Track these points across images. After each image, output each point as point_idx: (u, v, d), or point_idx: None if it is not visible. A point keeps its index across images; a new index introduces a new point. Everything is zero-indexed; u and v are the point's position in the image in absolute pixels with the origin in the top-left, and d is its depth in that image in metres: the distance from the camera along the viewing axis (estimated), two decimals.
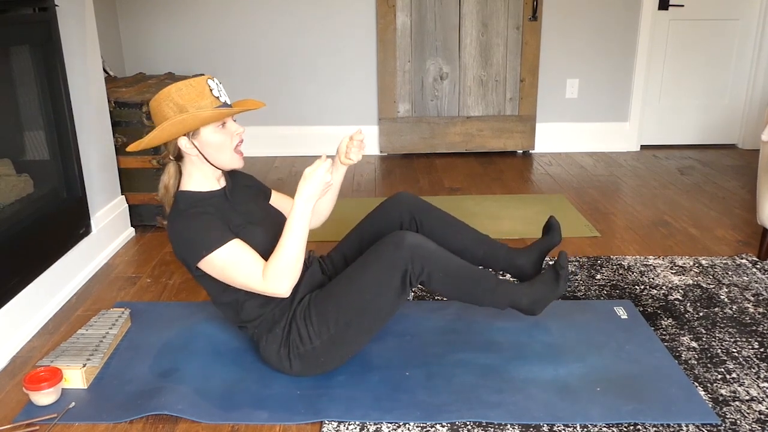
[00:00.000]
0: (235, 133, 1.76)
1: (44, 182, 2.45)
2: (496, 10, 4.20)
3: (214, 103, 1.69)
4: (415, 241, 1.77)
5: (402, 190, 2.10)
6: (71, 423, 1.73)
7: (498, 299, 1.90)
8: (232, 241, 1.70)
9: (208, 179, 1.81)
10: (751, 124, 4.52)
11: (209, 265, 1.71)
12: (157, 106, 1.69)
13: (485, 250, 2.07)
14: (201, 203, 1.77)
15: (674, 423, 1.69)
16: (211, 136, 1.72)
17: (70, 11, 2.56)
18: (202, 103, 1.67)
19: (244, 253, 1.70)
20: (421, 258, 1.76)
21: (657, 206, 3.41)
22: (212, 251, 1.68)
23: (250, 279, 1.69)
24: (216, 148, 1.74)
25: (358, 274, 1.78)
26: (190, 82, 1.68)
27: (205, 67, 4.33)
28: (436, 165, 4.27)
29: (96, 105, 2.78)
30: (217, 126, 1.72)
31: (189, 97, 1.67)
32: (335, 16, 4.28)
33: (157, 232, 3.12)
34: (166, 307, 2.36)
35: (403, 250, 1.75)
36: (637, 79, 4.41)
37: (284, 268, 1.67)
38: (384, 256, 1.76)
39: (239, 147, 1.78)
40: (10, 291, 2.11)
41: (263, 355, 1.87)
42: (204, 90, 1.68)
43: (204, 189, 1.80)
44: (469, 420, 1.71)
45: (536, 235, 2.99)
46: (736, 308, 2.29)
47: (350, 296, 1.77)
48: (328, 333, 1.78)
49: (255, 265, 1.69)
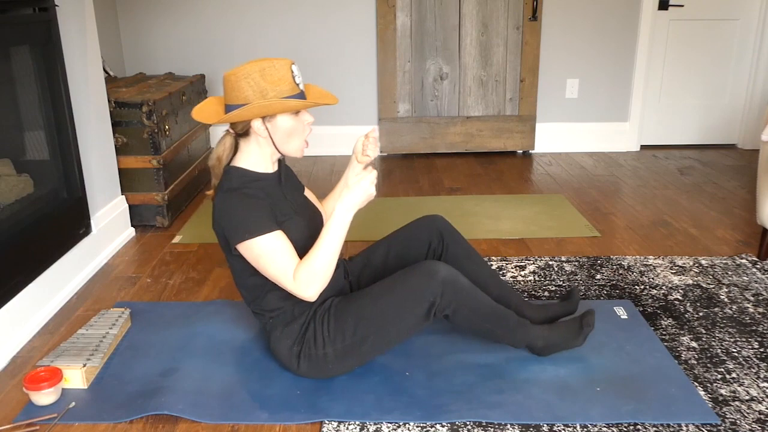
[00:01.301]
0: (306, 123, 1.76)
1: (44, 182, 2.45)
2: (496, 10, 4.20)
3: (295, 89, 1.69)
4: (449, 276, 1.75)
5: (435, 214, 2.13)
6: (71, 423, 1.73)
7: (515, 340, 1.89)
8: (275, 232, 1.69)
9: (265, 161, 1.80)
10: (751, 124, 4.52)
11: (247, 250, 1.70)
12: (236, 81, 1.66)
13: (499, 293, 2.06)
14: (253, 184, 1.76)
15: (674, 423, 1.69)
16: (285, 122, 1.72)
17: (70, 11, 2.56)
18: (282, 88, 1.67)
19: (283, 246, 1.69)
20: (452, 294, 1.75)
21: (657, 206, 3.41)
22: (254, 237, 1.67)
23: (282, 275, 1.69)
24: (286, 134, 1.74)
25: (384, 294, 1.77)
26: (274, 63, 1.66)
27: (205, 67, 4.33)
28: (436, 165, 4.27)
29: (96, 105, 2.78)
30: (292, 113, 1.72)
31: (272, 79, 1.66)
32: (335, 16, 4.28)
33: (157, 232, 3.12)
34: (166, 307, 2.36)
35: (436, 282, 1.73)
36: (637, 79, 4.41)
37: (316, 272, 1.67)
38: (414, 283, 1.75)
39: (307, 139, 1.79)
40: (11, 291, 2.11)
41: (273, 347, 1.86)
42: (287, 75, 1.68)
43: (258, 170, 1.79)
44: (469, 420, 1.71)
45: (536, 234, 2.99)
46: (736, 308, 2.29)
47: (372, 314, 1.76)
48: (342, 344, 1.78)
49: (290, 262, 1.69)
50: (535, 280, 2.52)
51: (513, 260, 2.70)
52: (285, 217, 1.77)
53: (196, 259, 2.79)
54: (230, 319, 2.24)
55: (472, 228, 3.08)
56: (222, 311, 2.30)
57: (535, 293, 2.42)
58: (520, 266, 2.65)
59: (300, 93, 1.71)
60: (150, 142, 3.03)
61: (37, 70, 2.39)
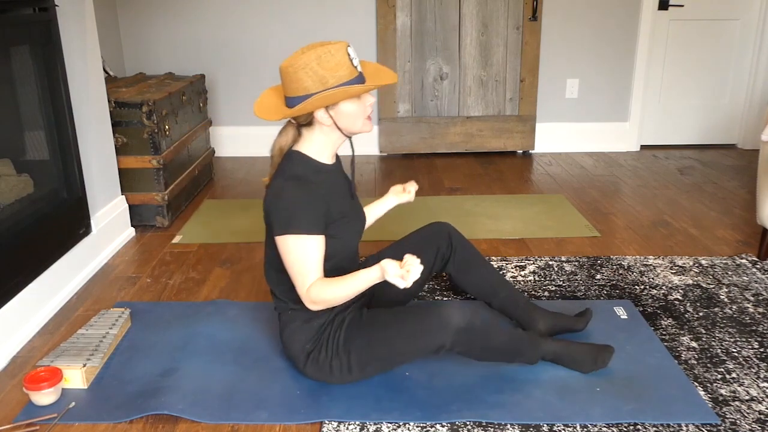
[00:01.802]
0: (368, 104, 1.73)
1: (44, 182, 2.45)
2: (496, 10, 4.20)
3: (353, 73, 1.67)
4: (462, 324, 1.71)
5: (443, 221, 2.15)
6: (71, 423, 1.73)
7: (529, 361, 1.89)
8: (316, 237, 1.69)
9: (327, 151, 1.78)
10: (751, 124, 4.52)
11: (282, 242, 1.69)
12: (294, 72, 1.64)
13: (507, 294, 2.07)
14: (316, 174, 1.75)
15: (674, 423, 1.69)
16: (348, 108, 1.70)
17: (70, 11, 2.56)
18: (341, 73, 1.64)
19: (316, 254, 1.69)
20: (466, 339, 1.73)
21: (657, 206, 3.41)
22: (295, 234, 1.67)
23: (300, 279, 1.69)
24: (351, 117, 1.72)
25: (396, 326, 1.76)
26: (329, 49, 1.63)
27: (205, 67, 4.33)
28: (436, 165, 4.27)
29: (96, 105, 2.78)
30: (355, 98, 1.70)
31: (329, 66, 1.63)
32: (335, 16, 4.28)
33: (157, 232, 3.12)
34: (166, 307, 2.36)
35: (448, 332, 1.71)
36: (637, 79, 4.41)
37: (327, 300, 1.68)
38: (427, 327, 1.72)
39: (370, 115, 1.78)
40: (11, 291, 2.11)
41: (286, 339, 1.85)
42: (344, 59, 1.65)
43: (321, 159, 1.78)
44: (469, 420, 1.71)
45: (536, 234, 2.99)
46: (735, 308, 2.29)
47: (380, 341, 1.76)
48: (348, 362, 1.79)
49: (313, 273, 1.69)
50: (535, 280, 2.52)
51: (513, 260, 2.70)
52: (340, 215, 1.76)
53: (196, 259, 2.79)
54: (230, 319, 2.24)
55: (472, 228, 3.08)
56: (222, 311, 2.30)
57: (535, 293, 2.42)
58: (520, 266, 2.65)
59: (359, 75, 1.69)
60: (150, 142, 3.03)
61: (37, 70, 2.39)
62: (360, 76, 1.69)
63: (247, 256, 2.82)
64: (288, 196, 1.69)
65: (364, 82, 1.71)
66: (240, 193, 3.71)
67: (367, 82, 1.72)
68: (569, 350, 1.90)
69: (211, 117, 4.37)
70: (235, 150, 4.53)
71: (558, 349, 1.90)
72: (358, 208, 1.89)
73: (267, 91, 1.81)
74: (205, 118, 3.93)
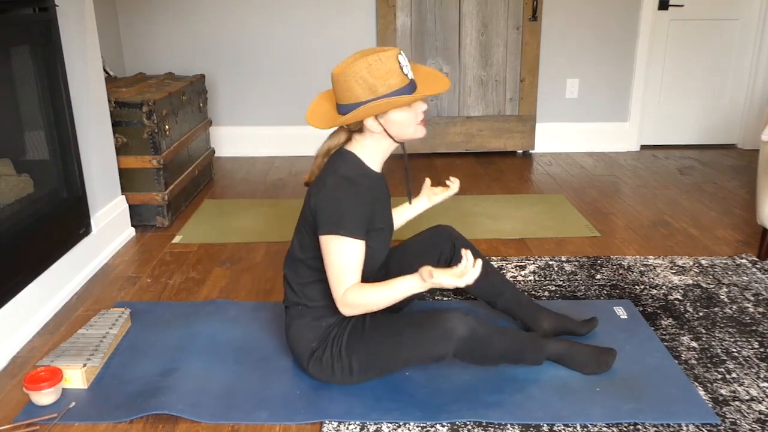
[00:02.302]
0: (419, 111, 1.72)
1: (44, 182, 2.45)
2: (496, 10, 4.20)
3: (404, 81, 1.66)
4: (465, 334, 1.71)
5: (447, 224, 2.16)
6: (71, 423, 1.73)
7: (533, 362, 1.88)
8: (359, 242, 1.69)
9: (378, 157, 1.79)
10: (751, 124, 4.52)
11: (326, 243, 1.69)
12: (344, 81, 1.65)
13: (510, 295, 2.07)
14: (365, 178, 1.75)
15: (674, 423, 1.69)
16: (398, 116, 1.70)
17: (70, 11, 2.56)
18: (391, 81, 1.64)
19: (357, 259, 1.69)
20: (469, 349, 1.74)
21: (657, 206, 3.41)
22: (341, 236, 1.66)
23: (337, 282, 1.68)
24: (401, 125, 1.71)
25: (398, 335, 1.76)
26: (380, 57, 1.63)
27: (205, 68, 4.33)
28: (436, 165, 4.27)
29: (96, 105, 2.78)
30: (405, 106, 1.70)
31: (379, 74, 1.63)
32: (335, 16, 4.28)
33: (157, 232, 3.12)
34: (166, 307, 2.36)
35: (451, 342, 1.71)
36: (637, 79, 4.41)
37: (362, 305, 1.68)
38: (429, 337, 1.72)
39: (423, 121, 1.76)
40: (10, 291, 2.11)
41: (293, 334, 1.85)
42: (394, 67, 1.64)
43: (370, 165, 1.79)
44: (469, 420, 1.71)
45: (536, 234, 2.99)
46: (736, 308, 2.29)
47: (382, 350, 1.76)
48: (349, 366, 1.79)
49: (352, 276, 1.68)
50: (535, 280, 2.52)
51: (513, 260, 2.70)
52: (382, 224, 1.77)
53: (196, 259, 2.79)
54: (230, 319, 2.24)
55: (472, 228, 3.08)
56: (222, 311, 2.30)
57: (535, 293, 2.42)
58: (520, 266, 2.65)
59: (410, 83, 1.68)
60: (150, 142, 3.03)
61: (37, 70, 2.38)
62: (411, 83, 1.69)
63: (247, 256, 2.82)
64: (340, 196, 1.69)
65: (416, 89, 1.70)
66: (240, 193, 3.71)
67: (419, 89, 1.71)
68: (573, 351, 1.90)
69: (211, 117, 4.37)
70: (235, 150, 4.53)
71: (561, 349, 1.90)
72: (391, 219, 1.90)
73: (319, 97, 1.81)
74: (205, 118, 3.93)
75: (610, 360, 1.90)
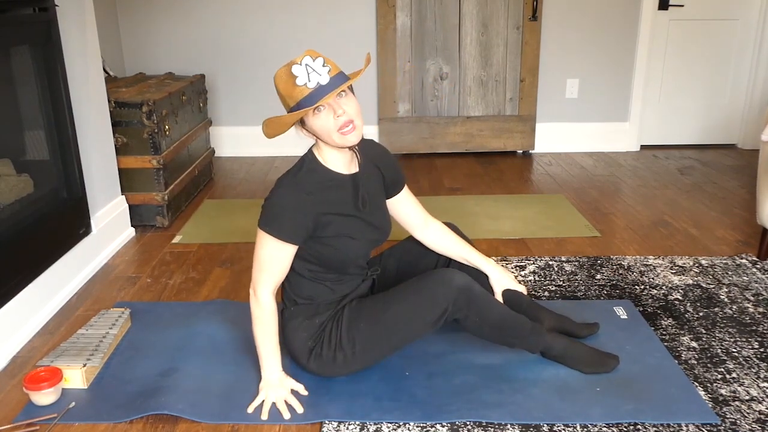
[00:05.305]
0: (335, 116, 1.64)
1: (44, 182, 2.45)
2: (496, 10, 4.20)
3: (303, 92, 1.62)
4: (463, 284, 1.74)
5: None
6: (71, 423, 1.73)
7: (530, 346, 1.89)
8: (287, 246, 1.71)
9: (337, 160, 1.77)
10: (751, 124, 4.52)
11: (258, 234, 1.73)
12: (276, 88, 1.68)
13: (511, 293, 2.06)
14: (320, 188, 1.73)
15: (674, 423, 1.69)
16: (315, 123, 1.68)
17: (70, 11, 2.56)
18: (294, 94, 1.63)
19: (280, 263, 1.73)
20: (465, 301, 1.75)
21: (657, 206, 3.41)
22: (267, 232, 1.70)
23: (256, 274, 1.75)
24: (323, 132, 1.68)
25: (397, 301, 1.77)
26: (284, 70, 1.63)
27: (205, 68, 4.33)
28: (436, 165, 4.27)
29: (96, 105, 2.78)
30: (314, 113, 1.66)
31: (284, 87, 1.64)
32: (335, 16, 4.28)
33: (157, 232, 3.12)
34: (166, 307, 2.36)
35: (450, 290, 1.73)
36: (637, 79, 4.41)
37: (252, 317, 1.78)
38: (428, 290, 1.75)
39: (344, 127, 1.65)
40: (10, 291, 2.11)
41: (288, 336, 1.85)
42: (290, 80, 1.62)
43: (333, 168, 1.77)
44: (469, 420, 1.71)
45: (536, 234, 2.99)
46: (736, 308, 2.29)
47: (384, 321, 1.77)
48: (352, 351, 1.79)
49: (270, 276, 1.74)
50: (535, 280, 2.52)
51: (513, 260, 2.70)
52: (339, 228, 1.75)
53: (196, 259, 2.79)
54: (230, 319, 2.23)
55: (472, 228, 3.08)
56: (222, 311, 2.30)
57: (535, 293, 2.41)
58: (520, 266, 2.64)
59: (312, 92, 1.61)
60: (150, 142, 3.03)
61: (37, 70, 2.38)
62: (315, 92, 1.61)
63: (247, 256, 2.82)
64: (283, 198, 1.71)
65: (324, 95, 1.61)
66: (240, 193, 3.71)
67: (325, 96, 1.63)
68: (574, 347, 1.90)
69: (211, 117, 4.37)
70: (235, 150, 4.53)
71: (562, 343, 1.89)
72: (374, 219, 1.85)
73: None
74: (205, 118, 3.93)
75: (612, 363, 1.90)
